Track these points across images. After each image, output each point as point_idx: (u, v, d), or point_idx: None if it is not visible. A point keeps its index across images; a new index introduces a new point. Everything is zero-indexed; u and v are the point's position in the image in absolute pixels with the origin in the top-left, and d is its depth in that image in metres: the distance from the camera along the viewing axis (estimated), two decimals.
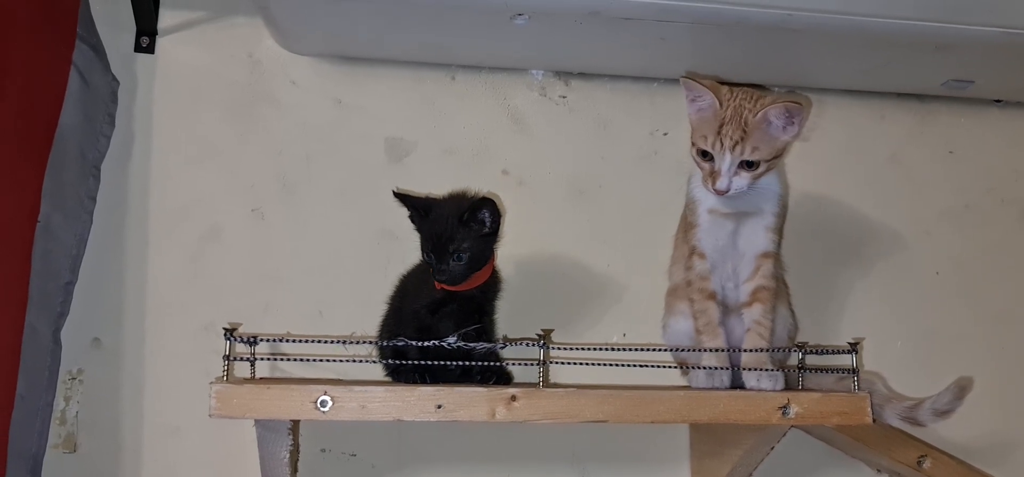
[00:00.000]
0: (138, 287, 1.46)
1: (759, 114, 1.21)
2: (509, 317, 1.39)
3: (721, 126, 1.22)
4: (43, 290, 1.32)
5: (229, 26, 1.55)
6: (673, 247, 1.44)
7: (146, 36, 1.52)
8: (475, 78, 1.60)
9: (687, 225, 1.35)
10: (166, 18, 1.53)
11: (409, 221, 1.27)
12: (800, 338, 1.40)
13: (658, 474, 1.53)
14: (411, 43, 1.50)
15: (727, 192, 1.23)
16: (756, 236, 1.31)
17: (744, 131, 1.21)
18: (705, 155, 1.24)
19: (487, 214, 1.24)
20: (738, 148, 1.21)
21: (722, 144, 1.22)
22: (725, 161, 1.22)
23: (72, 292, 1.40)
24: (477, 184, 1.41)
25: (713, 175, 1.23)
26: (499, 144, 1.58)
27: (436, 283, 1.24)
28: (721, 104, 1.23)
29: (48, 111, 1.34)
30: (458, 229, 1.22)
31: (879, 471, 1.54)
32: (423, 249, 1.25)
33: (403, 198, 1.25)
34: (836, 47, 1.47)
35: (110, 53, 1.47)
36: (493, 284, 1.31)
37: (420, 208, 1.25)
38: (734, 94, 1.24)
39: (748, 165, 1.23)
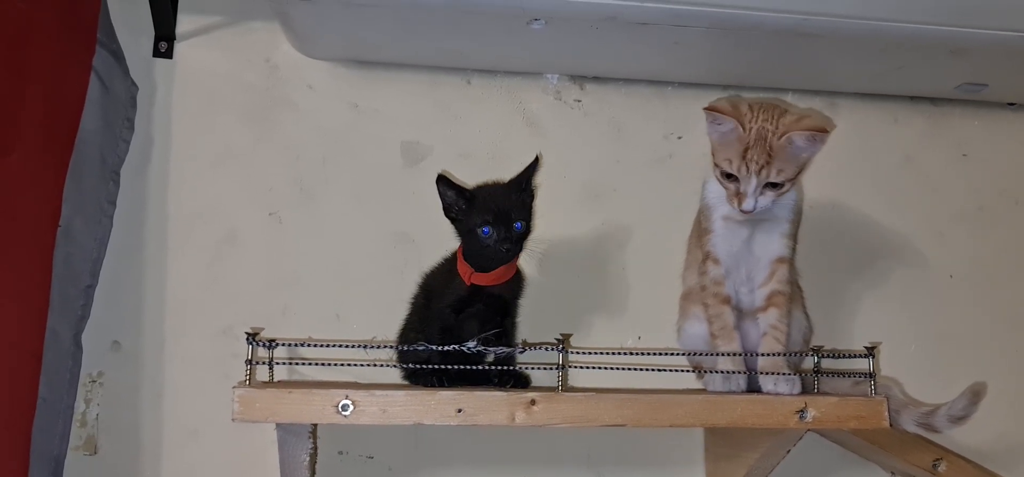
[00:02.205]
0: (157, 291, 1.47)
1: (783, 137, 1.21)
2: (525, 319, 1.39)
3: (746, 150, 1.21)
4: (64, 294, 1.33)
5: (246, 31, 1.55)
6: (686, 251, 1.45)
7: (165, 41, 1.53)
8: (490, 82, 1.60)
9: (701, 230, 1.35)
10: (184, 23, 1.54)
11: (446, 215, 1.27)
12: (814, 341, 1.40)
13: None
14: (427, 48, 1.51)
15: (753, 212, 1.24)
16: (771, 242, 1.31)
17: (769, 155, 1.21)
18: (729, 176, 1.24)
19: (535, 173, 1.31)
20: (764, 171, 1.22)
21: (747, 168, 1.22)
22: (751, 184, 1.22)
23: (92, 296, 1.41)
24: None
25: (739, 196, 1.24)
26: (514, 148, 1.59)
27: (469, 279, 1.25)
28: (744, 128, 1.22)
29: (69, 116, 1.35)
30: (516, 198, 1.26)
31: (893, 474, 1.55)
32: (481, 227, 1.23)
33: (447, 181, 1.26)
34: (850, 51, 1.47)
35: (129, 58, 1.48)
36: (519, 282, 1.33)
37: (465, 194, 1.26)
38: (755, 115, 1.23)
39: (773, 186, 1.23)
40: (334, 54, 1.56)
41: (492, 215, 1.23)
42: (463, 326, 1.27)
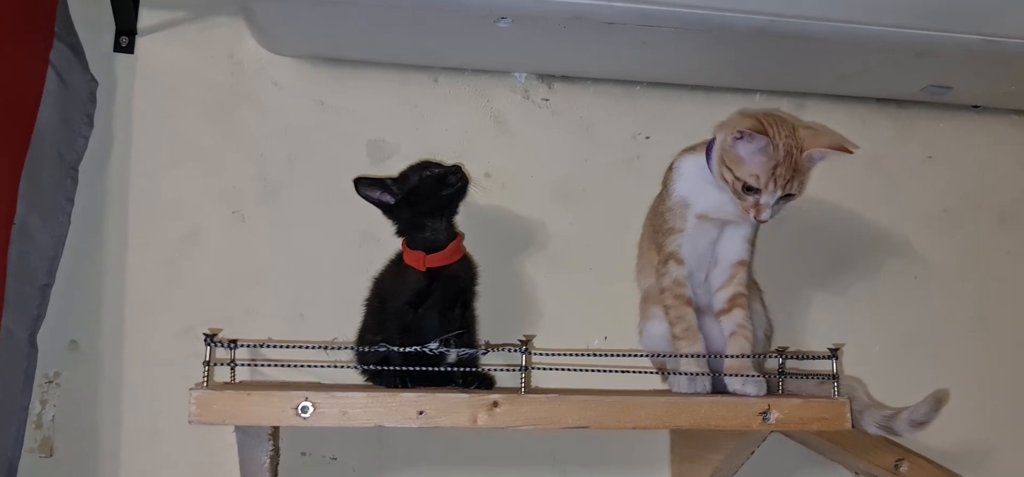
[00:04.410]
0: (116, 289, 1.45)
1: (806, 154, 1.22)
2: (491, 319, 1.39)
3: (775, 167, 1.21)
4: (19, 293, 1.30)
5: (210, 26, 1.53)
6: (638, 255, 1.45)
7: (125, 35, 1.50)
8: (458, 80, 1.59)
9: (662, 229, 1.34)
10: (146, 17, 1.52)
11: (388, 213, 1.30)
12: (778, 341, 1.41)
13: None
14: (394, 45, 1.50)
15: (767, 221, 1.25)
16: (734, 244, 1.32)
17: (794, 170, 1.22)
18: (749, 189, 1.23)
19: None
20: (788, 185, 1.22)
21: (775, 183, 1.21)
22: (774, 197, 1.22)
23: (49, 295, 1.39)
24: None
25: (757, 207, 1.23)
26: (482, 147, 1.58)
27: (424, 264, 1.26)
28: (774, 147, 1.21)
29: (25, 111, 1.32)
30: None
31: (857, 474, 1.56)
32: (429, 173, 1.29)
33: (368, 181, 1.29)
34: (818, 52, 1.48)
35: (89, 52, 1.45)
36: (472, 266, 1.33)
37: (391, 178, 1.31)
38: (780, 132, 1.22)
39: (788, 196, 1.24)
40: (300, 51, 1.54)
41: (430, 167, 1.29)
42: (423, 323, 1.26)
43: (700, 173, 1.30)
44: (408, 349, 1.22)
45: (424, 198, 1.28)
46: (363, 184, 1.28)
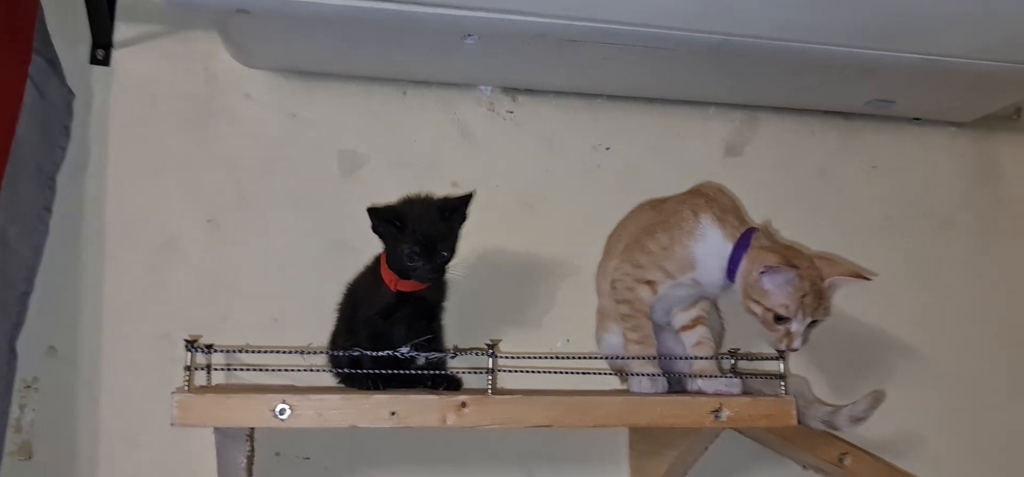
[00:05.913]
0: (94, 296, 1.48)
1: (827, 282, 1.29)
2: (459, 325, 1.44)
3: (803, 297, 1.27)
4: None
5: (185, 40, 1.57)
6: (605, 255, 1.48)
7: (102, 48, 1.54)
8: (425, 93, 1.65)
9: (653, 255, 1.34)
10: (122, 31, 1.55)
11: (374, 232, 1.29)
12: (730, 342, 1.48)
13: (599, 473, 1.60)
14: (364, 59, 1.55)
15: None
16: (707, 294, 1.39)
17: (819, 299, 1.29)
18: (780, 319, 1.29)
19: (468, 208, 1.33)
20: (816, 312, 1.29)
21: (804, 313, 1.28)
22: (803, 325, 1.29)
23: (28, 302, 1.42)
24: None
25: (789, 336, 1.29)
26: (449, 158, 1.63)
27: (395, 286, 1.29)
28: (800, 279, 1.27)
29: (4, 124, 1.34)
30: (443, 227, 1.28)
31: (805, 467, 1.64)
32: (403, 255, 1.26)
33: (376, 212, 1.27)
34: (769, 69, 1.55)
35: (65, 65, 1.48)
36: (442, 286, 1.37)
37: (393, 219, 1.27)
38: (803, 265, 1.28)
39: (814, 322, 1.30)
40: (272, 64, 1.59)
41: (420, 245, 1.26)
42: (392, 331, 1.31)
43: (720, 253, 1.32)
44: (380, 354, 1.27)
45: (398, 261, 1.28)
46: (373, 214, 1.26)
